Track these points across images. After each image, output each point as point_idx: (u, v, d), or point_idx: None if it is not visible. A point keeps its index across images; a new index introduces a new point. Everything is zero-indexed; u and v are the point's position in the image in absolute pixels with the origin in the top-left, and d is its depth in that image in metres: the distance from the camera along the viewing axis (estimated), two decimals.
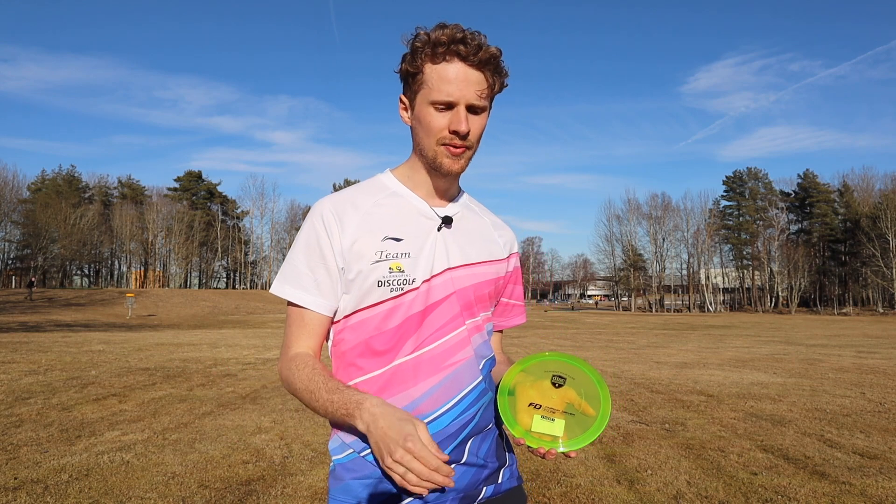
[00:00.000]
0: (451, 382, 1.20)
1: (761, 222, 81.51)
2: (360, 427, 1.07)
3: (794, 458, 4.83)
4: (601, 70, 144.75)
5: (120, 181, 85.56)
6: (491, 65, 1.20)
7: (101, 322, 30.79)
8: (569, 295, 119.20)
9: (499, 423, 1.32)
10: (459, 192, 1.37)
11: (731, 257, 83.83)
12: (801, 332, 26.38)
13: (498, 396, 1.17)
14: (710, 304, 77.85)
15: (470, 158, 1.25)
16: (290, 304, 1.25)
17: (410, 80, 1.22)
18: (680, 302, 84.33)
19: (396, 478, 0.99)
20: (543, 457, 1.15)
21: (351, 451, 1.20)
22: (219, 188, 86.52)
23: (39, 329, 23.08)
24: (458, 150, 1.21)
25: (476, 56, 1.17)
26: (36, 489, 3.93)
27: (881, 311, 65.27)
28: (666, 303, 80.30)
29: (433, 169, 1.26)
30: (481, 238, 1.34)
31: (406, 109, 1.26)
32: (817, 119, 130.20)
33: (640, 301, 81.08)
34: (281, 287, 1.24)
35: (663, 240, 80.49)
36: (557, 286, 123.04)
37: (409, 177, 1.30)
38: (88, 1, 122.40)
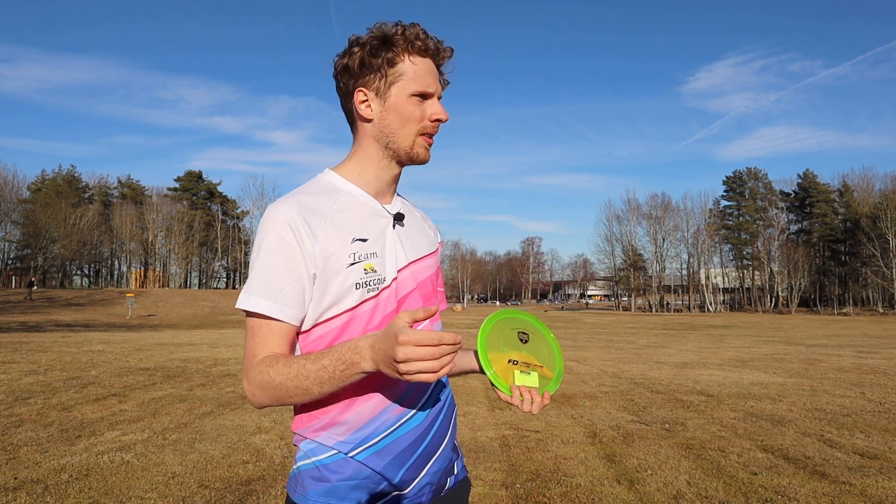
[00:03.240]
0: None
1: (761, 222, 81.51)
2: (369, 367, 1.02)
3: (794, 458, 4.83)
4: (602, 70, 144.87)
5: (120, 181, 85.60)
6: (447, 65, 1.29)
7: (101, 322, 30.79)
8: (569, 295, 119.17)
9: (452, 415, 1.36)
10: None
11: (731, 257, 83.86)
12: (801, 332, 26.38)
13: (479, 356, 1.18)
14: (710, 304, 77.84)
15: None
16: (250, 315, 1.16)
17: (382, 71, 1.21)
18: (680, 302, 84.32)
19: (420, 377, 0.95)
20: (530, 407, 1.15)
21: (335, 451, 1.17)
22: (219, 188, 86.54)
23: (39, 329, 23.07)
24: (432, 140, 1.27)
25: (441, 55, 1.26)
26: (36, 489, 3.93)
27: (881, 311, 65.25)
28: (666, 303, 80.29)
29: (406, 161, 1.27)
30: (421, 232, 1.38)
31: (367, 102, 1.23)
32: (817, 119, 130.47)
33: (640, 301, 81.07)
34: (247, 299, 1.14)
35: (663, 240, 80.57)
36: (557, 286, 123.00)
37: (358, 174, 1.28)
38: (88, 1, 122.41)
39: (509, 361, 1.19)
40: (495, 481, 4.24)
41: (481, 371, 1.19)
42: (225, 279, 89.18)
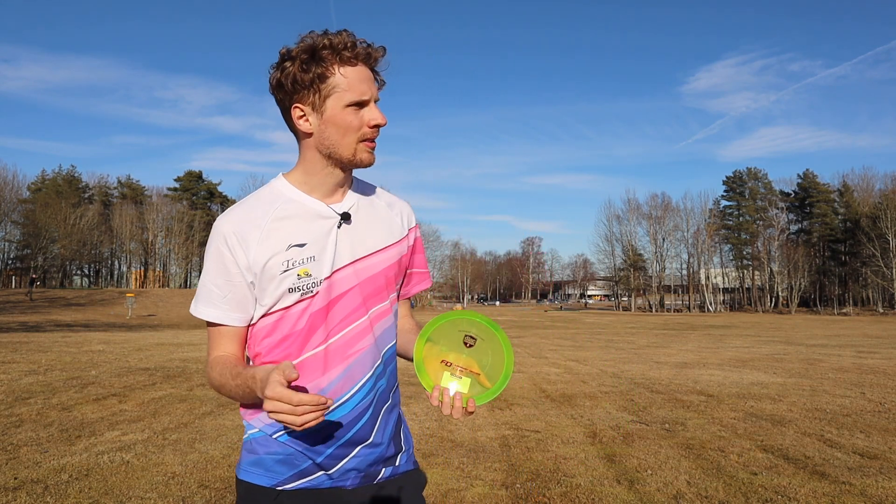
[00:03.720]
0: (353, 370, 1.29)
1: (761, 222, 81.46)
2: (261, 396, 1.11)
3: (794, 458, 4.83)
4: (602, 70, 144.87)
5: (120, 181, 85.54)
6: (380, 66, 1.32)
7: (101, 322, 30.80)
8: (569, 295, 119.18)
9: (399, 407, 1.44)
10: (353, 182, 1.42)
11: (731, 257, 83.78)
12: (801, 332, 26.38)
13: (415, 349, 1.21)
14: (710, 304, 77.82)
15: None
16: (207, 322, 1.33)
17: (315, 86, 1.25)
18: (680, 302, 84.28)
19: (278, 418, 1.06)
20: (450, 411, 1.18)
21: (258, 430, 1.32)
22: (219, 188, 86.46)
23: (39, 329, 23.07)
24: (374, 144, 1.31)
25: (373, 58, 1.29)
26: (36, 489, 3.93)
27: (881, 311, 65.24)
28: (666, 303, 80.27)
29: (351, 167, 1.32)
30: (380, 222, 1.40)
31: (305, 117, 1.28)
32: (817, 119, 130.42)
33: (640, 301, 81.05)
34: (195, 307, 1.32)
35: (663, 240, 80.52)
36: (557, 286, 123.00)
37: (304, 182, 1.34)
38: (88, 1, 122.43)
39: (442, 362, 1.21)
40: (495, 481, 4.24)
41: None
42: None
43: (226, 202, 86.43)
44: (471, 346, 1.21)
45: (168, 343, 15.94)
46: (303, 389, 1.20)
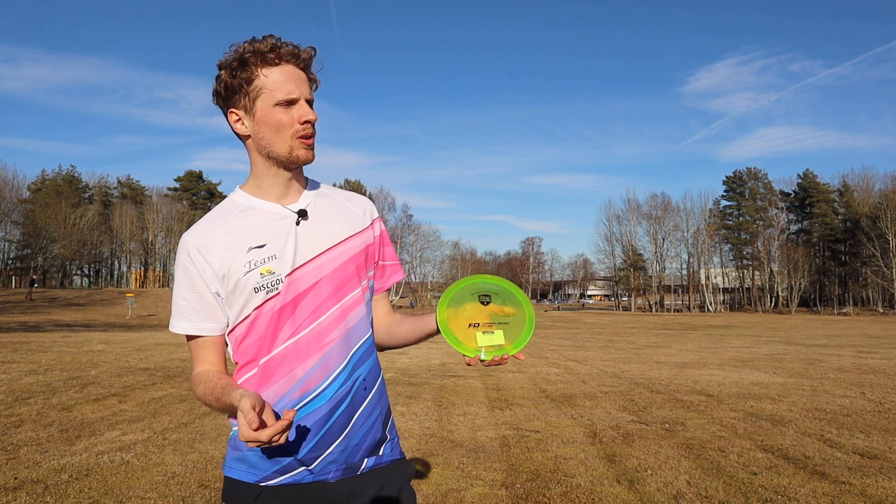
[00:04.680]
0: (327, 360, 1.32)
1: (761, 222, 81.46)
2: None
3: (794, 458, 4.83)
4: (602, 70, 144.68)
5: (120, 181, 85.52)
6: (310, 64, 1.36)
7: (101, 322, 30.80)
8: (569, 295, 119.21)
9: (383, 397, 1.45)
10: (307, 183, 1.46)
11: (731, 257, 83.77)
12: (801, 332, 26.39)
13: (439, 326, 1.27)
14: (710, 304, 77.83)
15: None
16: (186, 336, 1.39)
17: (244, 90, 1.31)
18: (680, 302, 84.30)
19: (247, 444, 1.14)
20: (500, 363, 1.24)
21: None
22: (219, 188, 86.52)
23: (39, 329, 23.08)
24: (311, 140, 1.35)
25: (301, 58, 1.34)
26: (36, 489, 3.93)
27: (881, 311, 65.25)
28: (666, 303, 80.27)
29: (290, 165, 1.36)
30: (340, 215, 1.44)
31: (240, 121, 1.35)
32: (817, 119, 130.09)
33: (640, 301, 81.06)
34: (171, 324, 1.39)
35: (663, 240, 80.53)
36: (557, 286, 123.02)
37: (256, 187, 1.40)
38: (89, 1, 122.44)
39: (470, 326, 1.26)
40: (495, 481, 4.24)
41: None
42: None
43: None
44: (487, 303, 1.28)
45: (168, 343, 15.94)
46: (283, 381, 1.31)
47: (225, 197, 1.48)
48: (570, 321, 40.26)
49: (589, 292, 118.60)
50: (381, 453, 1.42)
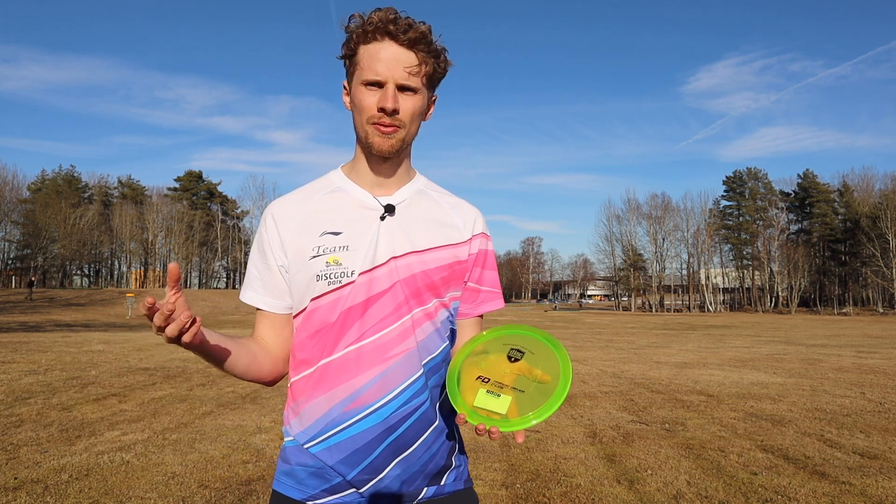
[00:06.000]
0: (392, 373, 1.20)
1: (761, 222, 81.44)
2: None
3: (794, 458, 4.83)
4: (602, 69, 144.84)
5: (120, 181, 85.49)
6: (422, 44, 1.19)
7: (101, 322, 30.79)
8: (569, 295, 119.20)
9: (451, 421, 1.30)
10: (412, 177, 1.35)
11: (731, 257, 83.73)
12: (801, 332, 26.38)
13: (449, 368, 1.12)
14: (710, 304, 77.80)
15: (403, 140, 1.23)
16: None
17: (348, 64, 1.25)
18: (680, 302, 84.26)
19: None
20: (489, 435, 1.11)
21: (292, 438, 1.26)
22: (219, 188, 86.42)
23: (39, 329, 23.07)
24: (388, 129, 1.21)
25: (405, 35, 1.18)
26: (36, 489, 3.93)
27: (881, 311, 65.22)
28: (666, 303, 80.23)
29: (366, 150, 1.26)
30: (435, 223, 1.31)
31: (345, 93, 1.29)
32: (818, 119, 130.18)
33: (640, 301, 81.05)
34: (242, 292, 1.32)
35: (663, 240, 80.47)
36: (557, 286, 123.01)
37: (352, 169, 1.32)
38: (89, 1, 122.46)
39: (478, 378, 1.11)
40: (495, 481, 4.24)
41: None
42: (225, 279, 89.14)
43: (226, 202, 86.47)
44: (516, 360, 1.10)
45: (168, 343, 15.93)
46: (339, 390, 1.21)
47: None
48: (570, 321, 40.23)
49: (589, 292, 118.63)
50: (442, 483, 1.28)
